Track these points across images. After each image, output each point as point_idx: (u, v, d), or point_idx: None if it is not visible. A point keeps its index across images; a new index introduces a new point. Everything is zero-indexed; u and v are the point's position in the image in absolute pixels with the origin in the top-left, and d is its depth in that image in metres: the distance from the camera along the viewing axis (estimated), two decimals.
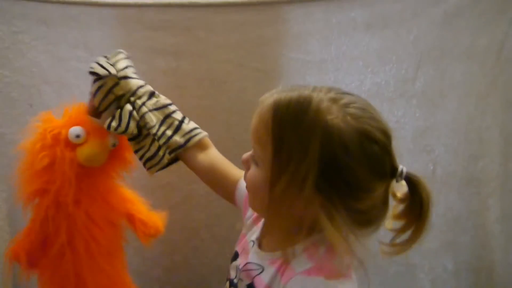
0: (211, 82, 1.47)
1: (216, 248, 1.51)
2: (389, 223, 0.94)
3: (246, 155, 0.99)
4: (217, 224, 1.51)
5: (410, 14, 1.41)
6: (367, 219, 0.91)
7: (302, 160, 0.86)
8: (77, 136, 1.16)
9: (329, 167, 0.86)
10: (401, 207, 0.94)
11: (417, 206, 0.91)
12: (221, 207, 1.49)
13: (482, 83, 1.41)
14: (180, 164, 1.47)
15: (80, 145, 1.17)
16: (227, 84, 1.47)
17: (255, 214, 1.11)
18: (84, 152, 1.17)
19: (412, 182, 0.91)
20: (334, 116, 0.86)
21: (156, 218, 1.29)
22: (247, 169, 0.99)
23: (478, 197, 1.47)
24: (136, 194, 1.30)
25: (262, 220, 1.07)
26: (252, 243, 1.07)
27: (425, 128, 1.46)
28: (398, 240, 0.94)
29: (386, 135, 0.90)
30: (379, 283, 1.56)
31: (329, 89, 0.91)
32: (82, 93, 1.42)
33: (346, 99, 0.90)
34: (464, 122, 1.43)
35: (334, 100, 0.88)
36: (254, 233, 1.09)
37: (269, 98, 0.92)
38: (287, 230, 0.96)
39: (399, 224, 0.94)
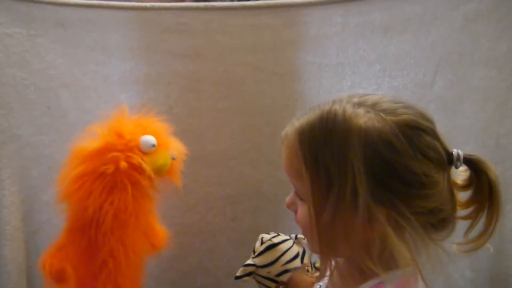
0: (228, 85, 1.47)
1: (232, 252, 1.51)
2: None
3: (288, 198, 0.90)
4: (232, 227, 1.51)
5: (429, 17, 1.39)
6: (442, 218, 0.81)
7: (344, 176, 0.77)
8: (153, 146, 1.18)
9: (380, 172, 0.77)
10: (466, 194, 0.85)
11: (485, 188, 0.82)
12: (237, 211, 1.51)
13: (501, 88, 1.36)
14: (195, 167, 1.48)
15: (149, 154, 1.18)
16: (244, 86, 1.48)
17: None
18: (158, 161, 1.18)
19: (474, 163, 0.83)
20: (366, 119, 0.79)
21: (164, 231, 1.30)
22: (294, 211, 0.89)
23: None
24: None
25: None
26: (318, 286, 0.99)
27: (443, 133, 1.42)
28: (471, 235, 0.85)
29: (429, 119, 0.84)
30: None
31: (350, 96, 0.84)
32: (99, 96, 1.45)
33: (371, 99, 0.83)
34: (482, 127, 1.39)
35: (359, 104, 0.81)
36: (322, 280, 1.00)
37: (291, 128, 0.85)
38: (354, 264, 0.84)
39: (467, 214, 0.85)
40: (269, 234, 1.28)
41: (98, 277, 1.19)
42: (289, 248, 1.22)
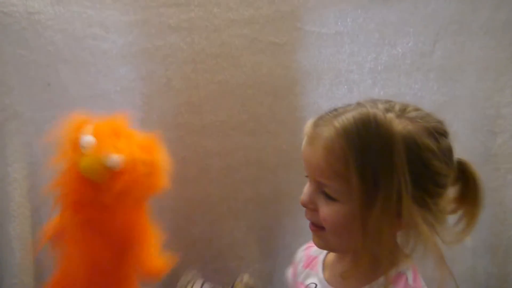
0: (226, 57, 1.47)
1: (232, 222, 1.53)
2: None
3: (307, 196, 0.93)
4: (233, 197, 1.52)
5: None
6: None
7: (390, 177, 0.82)
8: (87, 143, 1.10)
9: (420, 173, 0.84)
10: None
11: (471, 188, 0.92)
12: (237, 181, 1.52)
13: (501, 58, 1.36)
14: (195, 138, 1.50)
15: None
16: (242, 58, 1.47)
17: (307, 261, 1.09)
18: (82, 163, 1.10)
19: (463, 165, 0.92)
20: (405, 123, 0.85)
21: (161, 264, 1.25)
22: (312, 209, 0.93)
23: (497, 173, 1.42)
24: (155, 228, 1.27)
25: (323, 262, 1.05)
26: (313, 285, 1.04)
27: (442, 102, 1.42)
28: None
29: (445, 125, 0.91)
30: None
31: (373, 101, 0.90)
32: (98, 70, 1.46)
33: (397, 106, 0.88)
34: (482, 97, 1.39)
35: (388, 110, 0.87)
36: (310, 277, 1.05)
37: (328, 128, 0.87)
38: (372, 258, 0.89)
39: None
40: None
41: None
42: None
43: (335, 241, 0.93)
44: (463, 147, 1.47)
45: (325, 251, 1.05)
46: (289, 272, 1.15)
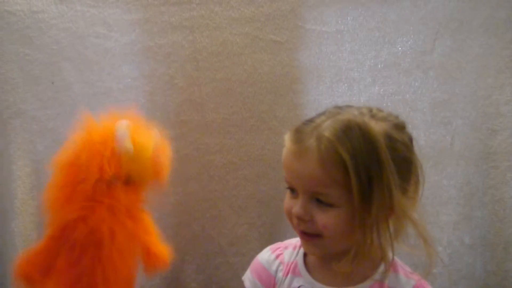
0: (227, 55, 1.48)
1: (234, 218, 1.54)
2: None
3: (301, 208, 0.93)
4: (234, 194, 1.53)
5: None
6: None
7: (380, 174, 0.87)
8: (131, 149, 1.12)
9: (400, 165, 0.89)
10: None
11: None
12: (238, 178, 1.53)
13: (500, 56, 1.37)
14: (196, 135, 1.51)
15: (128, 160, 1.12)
16: (243, 56, 1.48)
17: (286, 268, 1.06)
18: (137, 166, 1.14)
19: None
20: (380, 124, 0.90)
21: (166, 252, 1.25)
22: (308, 220, 0.92)
23: (496, 171, 1.44)
24: (153, 224, 1.27)
25: (304, 265, 1.04)
26: None
27: (442, 100, 1.43)
28: None
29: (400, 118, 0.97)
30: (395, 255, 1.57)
31: (340, 108, 0.95)
32: (102, 68, 1.47)
33: (364, 110, 0.93)
34: (482, 95, 1.41)
35: (362, 114, 0.91)
36: (294, 282, 1.04)
37: (311, 141, 0.89)
38: (376, 250, 0.92)
39: None
40: None
41: None
42: None
43: (334, 245, 0.94)
44: (463, 144, 1.50)
45: (300, 254, 1.05)
46: (252, 282, 1.10)
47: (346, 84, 1.46)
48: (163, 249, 1.27)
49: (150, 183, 1.19)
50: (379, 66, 1.45)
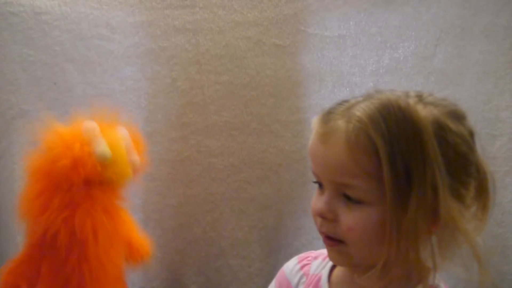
0: (230, 58, 1.49)
1: (235, 221, 1.54)
2: None
3: (324, 204, 0.77)
4: (235, 197, 1.54)
5: None
6: None
7: (423, 168, 0.70)
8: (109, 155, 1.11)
9: (453, 161, 0.72)
10: None
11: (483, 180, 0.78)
12: (239, 181, 1.54)
13: (500, 62, 1.38)
14: (198, 138, 1.51)
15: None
16: (246, 59, 1.49)
17: (308, 281, 0.91)
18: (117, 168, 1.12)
19: None
20: (429, 108, 0.73)
21: (147, 244, 1.26)
22: (332, 220, 0.77)
23: (495, 175, 1.45)
24: (131, 217, 1.26)
25: (328, 280, 0.88)
26: None
27: None
28: None
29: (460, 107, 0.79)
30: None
31: (384, 90, 0.77)
32: (104, 70, 1.48)
33: (412, 93, 0.76)
34: (482, 100, 1.42)
35: (407, 96, 0.75)
36: None
37: (341, 121, 0.74)
38: (412, 269, 0.76)
39: None
40: None
41: None
42: None
43: (361, 254, 0.77)
44: None
45: (327, 266, 0.91)
46: None
47: (348, 89, 1.47)
48: (144, 242, 1.27)
49: (126, 180, 1.16)
50: (381, 71, 1.47)
